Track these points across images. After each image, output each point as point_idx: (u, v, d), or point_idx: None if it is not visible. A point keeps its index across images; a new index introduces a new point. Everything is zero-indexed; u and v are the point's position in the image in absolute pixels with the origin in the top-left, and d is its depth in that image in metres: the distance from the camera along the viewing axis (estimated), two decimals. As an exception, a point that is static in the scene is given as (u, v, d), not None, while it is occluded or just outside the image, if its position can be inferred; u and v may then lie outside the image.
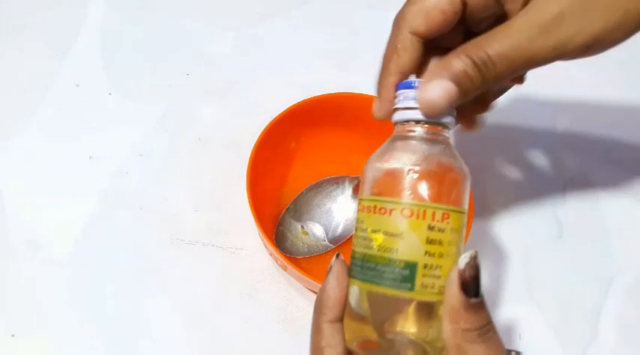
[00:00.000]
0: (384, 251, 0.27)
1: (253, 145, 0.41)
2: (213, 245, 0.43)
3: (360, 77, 0.53)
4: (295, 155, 0.46)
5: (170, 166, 0.46)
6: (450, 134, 0.30)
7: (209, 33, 0.54)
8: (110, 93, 0.49)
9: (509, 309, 0.43)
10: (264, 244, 0.40)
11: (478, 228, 0.46)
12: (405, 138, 0.29)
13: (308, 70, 0.53)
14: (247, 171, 0.40)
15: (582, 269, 0.46)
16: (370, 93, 0.45)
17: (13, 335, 0.39)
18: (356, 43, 0.56)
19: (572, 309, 0.44)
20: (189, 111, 0.49)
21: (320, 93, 0.44)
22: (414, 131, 0.29)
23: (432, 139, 0.29)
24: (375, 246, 0.28)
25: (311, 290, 0.42)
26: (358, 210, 0.29)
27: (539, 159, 0.51)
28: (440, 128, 0.29)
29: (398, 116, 0.30)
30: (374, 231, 0.28)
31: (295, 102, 0.43)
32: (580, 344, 0.43)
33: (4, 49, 0.50)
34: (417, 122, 0.29)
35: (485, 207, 0.48)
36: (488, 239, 0.46)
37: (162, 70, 0.51)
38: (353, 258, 0.29)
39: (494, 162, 0.43)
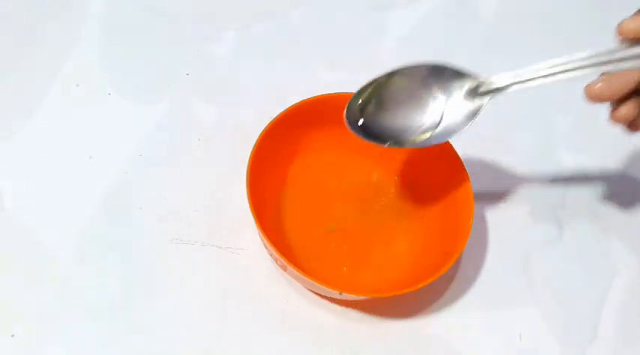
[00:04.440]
0: None
1: (253, 145, 0.41)
2: (213, 245, 0.43)
3: (359, 77, 0.54)
4: (295, 155, 0.46)
5: (170, 166, 0.46)
6: None
7: (209, 33, 0.54)
8: (110, 94, 0.49)
9: (510, 309, 0.44)
10: (264, 244, 0.40)
11: (478, 228, 0.47)
12: None
13: (308, 69, 0.53)
14: (247, 171, 0.40)
15: (582, 269, 0.46)
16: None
17: (12, 336, 0.39)
18: (356, 43, 0.56)
19: (572, 309, 0.44)
20: (189, 111, 0.49)
21: (320, 93, 0.44)
22: None
23: None
24: None
25: (311, 291, 0.42)
26: None
27: (539, 159, 0.51)
28: None
29: None
30: None
31: (295, 102, 0.43)
32: (580, 344, 0.43)
33: (4, 49, 0.50)
34: None
35: (484, 207, 0.48)
36: (488, 239, 0.46)
37: (162, 70, 0.51)
38: None
39: (494, 163, 0.43)
